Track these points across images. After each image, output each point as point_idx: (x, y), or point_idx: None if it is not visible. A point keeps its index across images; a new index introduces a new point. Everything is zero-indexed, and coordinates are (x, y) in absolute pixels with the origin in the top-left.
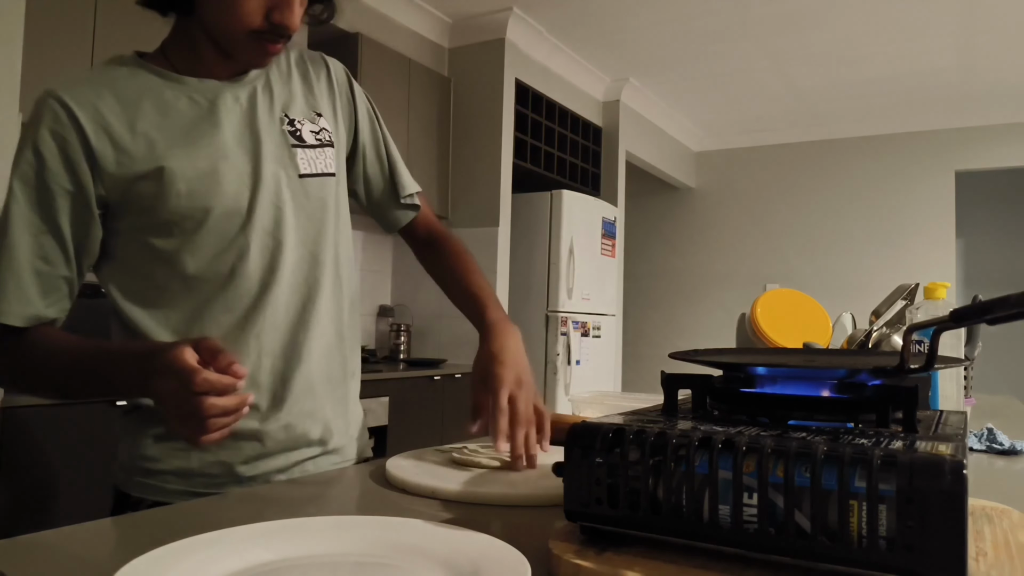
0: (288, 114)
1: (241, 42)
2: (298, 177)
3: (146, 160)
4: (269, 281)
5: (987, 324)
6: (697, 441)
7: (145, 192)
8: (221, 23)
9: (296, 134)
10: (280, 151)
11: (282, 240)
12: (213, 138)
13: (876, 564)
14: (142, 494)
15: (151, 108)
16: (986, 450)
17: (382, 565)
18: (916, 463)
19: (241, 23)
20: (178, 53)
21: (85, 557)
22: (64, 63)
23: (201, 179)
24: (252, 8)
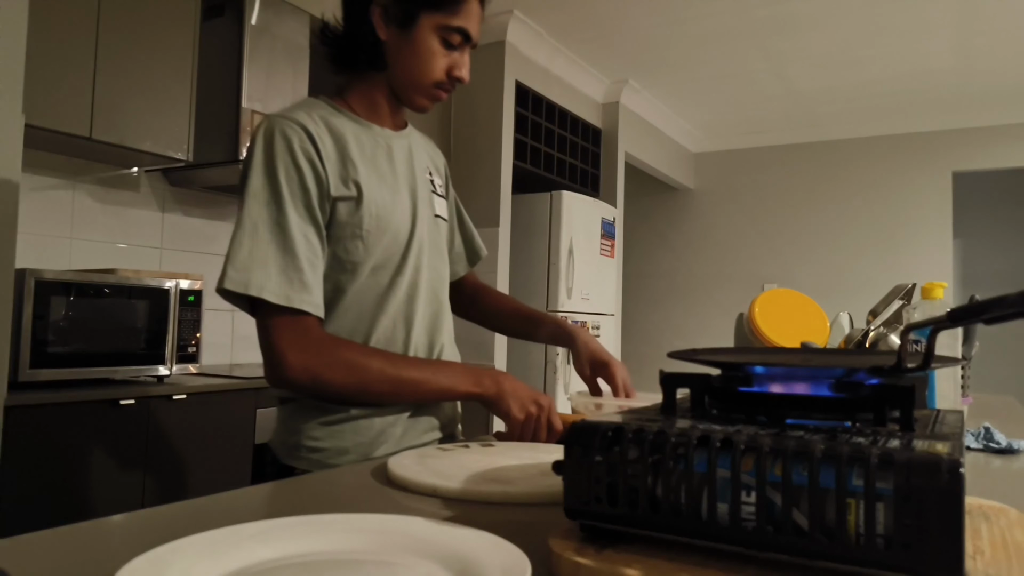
0: (428, 167)
1: (424, 91)
2: (434, 216)
3: (349, 183)
4: (414, 294)
5: (984, 324)
6: (696, 440)
7: (345, 210)
8: (414, 76)
9: (433, 183)
10: (425, 194)
11: (422, 264)
12: (391, 175)
13: (874, 562)
14: (305, 467)
15: (352, 143)
16: (983, 449)
17: (383, 563)
18: (913, 462)
19: (431, 76)
20: (359, 103)
21: (85, 557)
22: (67, 64)
23: (384, 205)
24: (441, 65)
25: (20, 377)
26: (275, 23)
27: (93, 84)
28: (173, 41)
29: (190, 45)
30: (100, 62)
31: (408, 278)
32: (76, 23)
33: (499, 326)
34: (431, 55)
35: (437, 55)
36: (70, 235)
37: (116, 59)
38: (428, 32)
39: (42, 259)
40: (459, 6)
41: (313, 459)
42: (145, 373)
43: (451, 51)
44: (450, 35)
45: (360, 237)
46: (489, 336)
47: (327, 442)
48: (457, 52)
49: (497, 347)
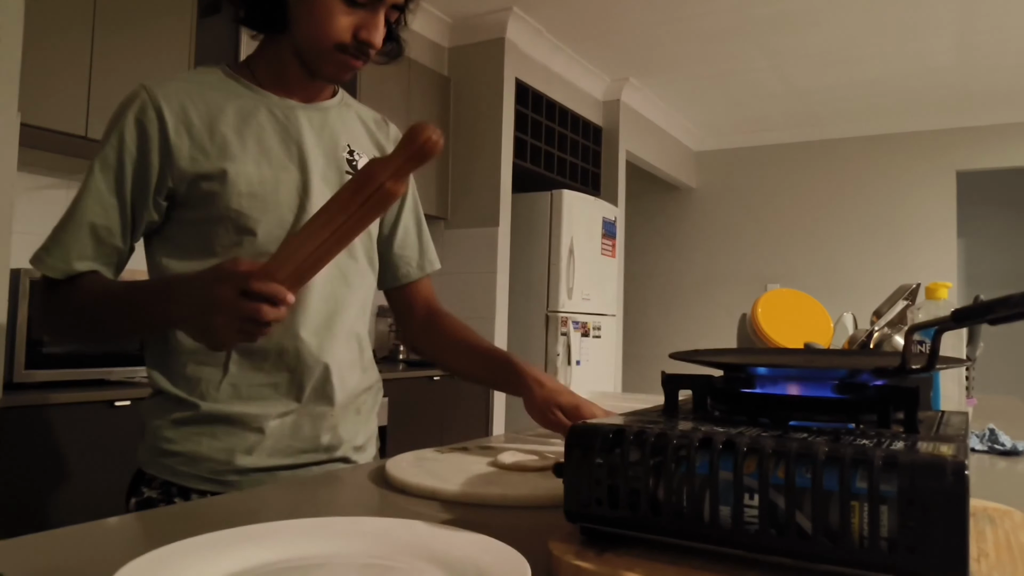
0: (351, 145)
1: (327, 55)
2: None
3: (217, 160)
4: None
5: (989, 324)
6: (698, 442)
7: (209, 189)
8: (312, 36)
9: (352, 163)
10: (334, 175)
11: None
12: (280, 151)
13: (877, 565)
14: (156, 472)
15: (233, 114)
16: (988, 451)
17: (382, 566)
18: (917, 464)
19: (330, 37)
20: (264, 70)
21: (85, 557)
22: (63, 63)
23: (263, 185)
24: (342, 24)
25: (15, 378)
26: None
27: (89, 82)
28: (169, 39)
29: (186, 43)
30: (96, 60)
31: None
32: (72, 21)
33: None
34: (328, 13)
35: (336, 13)
36: None
37: (112, 57)
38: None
39: None
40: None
41: (165, 464)
42: (140, 374)
43: (356, 8)
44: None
45: (229, 218)
46: (488, 336)
47: (180, 445)
48: (365, 10)
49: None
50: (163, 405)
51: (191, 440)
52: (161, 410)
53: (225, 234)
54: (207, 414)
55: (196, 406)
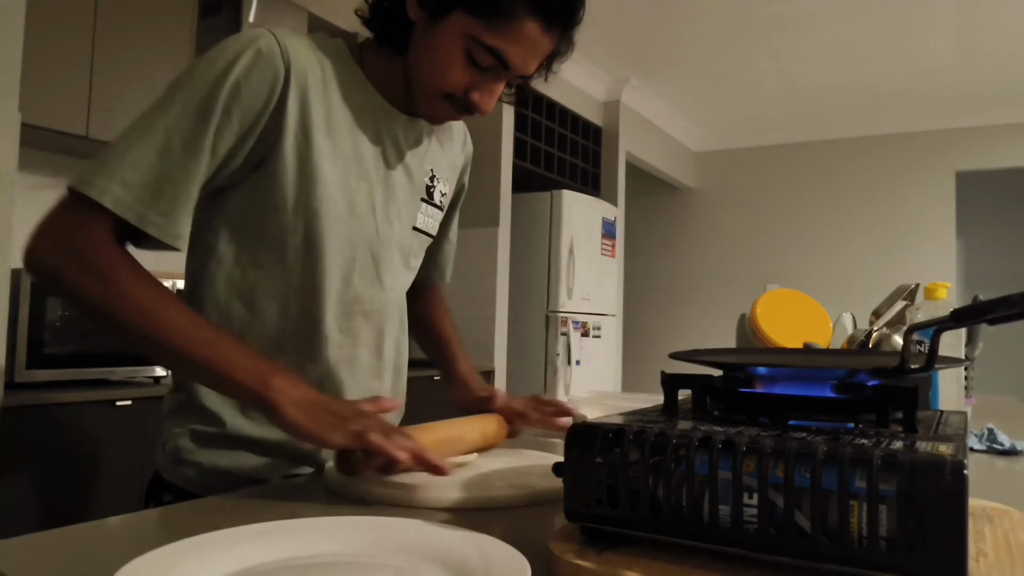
0: (434, 171)
1: (432, 99)
2: (412, 228)
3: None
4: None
5: (987, 324)
6: (697, 441)
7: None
8: (425, 76)
9: (430, 190)
10: (412, 198)
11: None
12: (371, 162)
13: (876, 564)
14: (173, 479)
15: (342, 106)
16: (987, 450)
17: (382, 566)
18: (916, 463)
19: (443, 85)
20: (375, 65)
21: (85, 557)
22: (63, 62)
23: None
24: (458, 79)
25: (17, 378)
26: (273, 20)
27: (90, 82)
28: (170, 39)
29: (187, 43)
30: (97, 60)
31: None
32: (73, 21)
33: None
34: (449, 62)
35: (456, 66)
36: None
37: (113, 57)
38: (455, 35)
39: None
40: (503, 23)
41: (181, 473)
42: (142, 374)
43: (477, 70)
44: (479, 51)
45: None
46: (488, 336)
47: (199, 456)
48: (486, 74)
49: (497, 348)
50: (185, 411)
51: (211, 454)
52: (183, 416)
53: (291, 228)
54: (232, 436)
55: (222, 423)
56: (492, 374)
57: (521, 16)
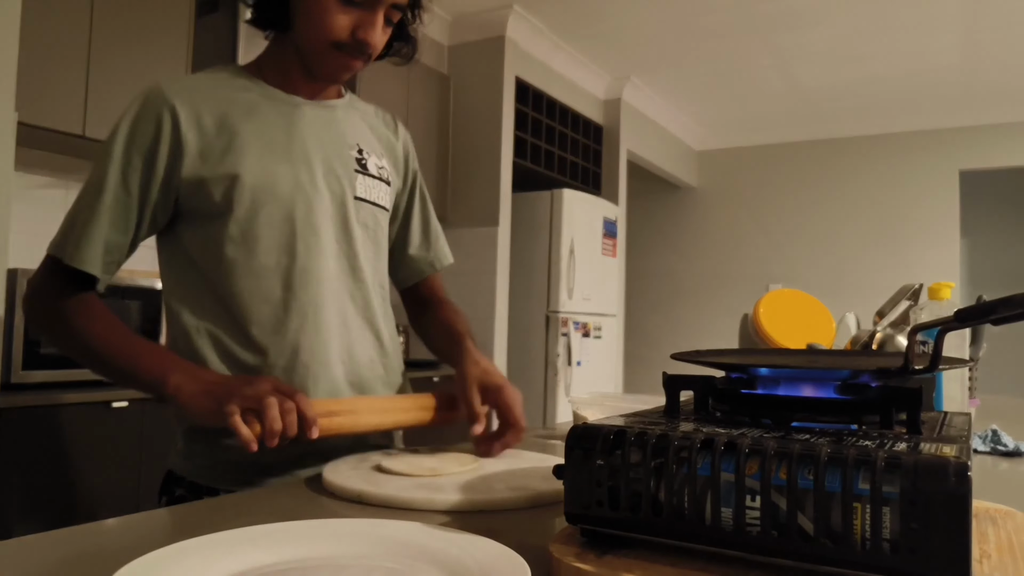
0: (360, 144)
1: (325, 54)
2: (353, 198)
3: (224, 154)
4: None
5: (992, 324)
6: (699, 443)
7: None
8: (310, 35)
9: (362, 162)
10: (342, 171)
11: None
12: (284, 145)
13: (880, 567)
14: (184, 474)
15: (240, 108)
16: (990, 452)
17: (383, 568)
18: (920, 465)
19: (328, 35)
20: (271, 69)
21: (80, 561)
22: (60, 61)
23: (266, 178)
24: (340, 23)
25: (12, 379)
26: None
27: (86, 81)
28: (167, 38)
29: (184, 41)
30: (93, 59)
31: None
32: (69, 20)
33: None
34: (325, 11)
35: (333, 11)
36: None
37: (109, 56)
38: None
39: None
40: None
41: (191, 466)
42: None
43: (353, 7)
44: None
45: (232, 211)
46: (488, 336)
47: (205, 448)
48: (363, 9)
49: (497, 348)
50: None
51: (216, 449)
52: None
53: (233, 228)
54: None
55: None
56: None
57: None
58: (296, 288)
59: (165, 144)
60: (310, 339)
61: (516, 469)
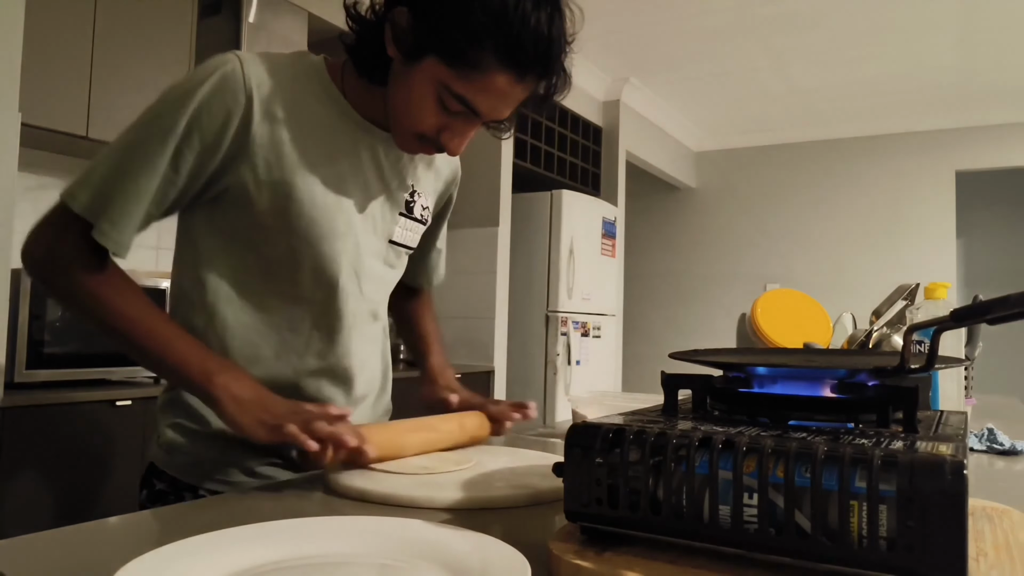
0: (415, 186)
1: (406, 135)
2: (388, 242)
3: (286, 170)
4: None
5: (987, 324)
6: (697, 441)
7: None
8: (398, 114)
9: (410, 205)
10: (389, 213)
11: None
12: (349, 177)
13: (876, 564)
14: (165, 468)
15: (316, 122)
16: (986, 450)
17: (383, 565)
18: (916, 463)
19: (414, 125)
20: (354, 84)
21: (85, 557)
22: (63, 63)
23: (326, 209)
24: (431, 122)
25: (16, 378)
26: (272, 21)
27: (89, 83)
28: (170, 39)
29: (187, 43)
30: (96, 60)
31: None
32: (72, 21)
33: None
34: (421, 105)
35: (427, 109)
36: None
37: (113, 57)
38: (427, 79)
39: None
40: (474, 74)
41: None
42: (141, 374)
43: (448, 114)
44: (449, 98)
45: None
46: (488, 336)
47: (187, 447)
48: (457, 118)
49: (497, 348)
50: (175, 407)
51: (199, 447)
52: (172, 412)
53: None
54: (217, 432)
55: (207, 422)
56: (492, 374)
57: (492, 68)
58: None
59: (230, 138)
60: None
61: (516, 467)
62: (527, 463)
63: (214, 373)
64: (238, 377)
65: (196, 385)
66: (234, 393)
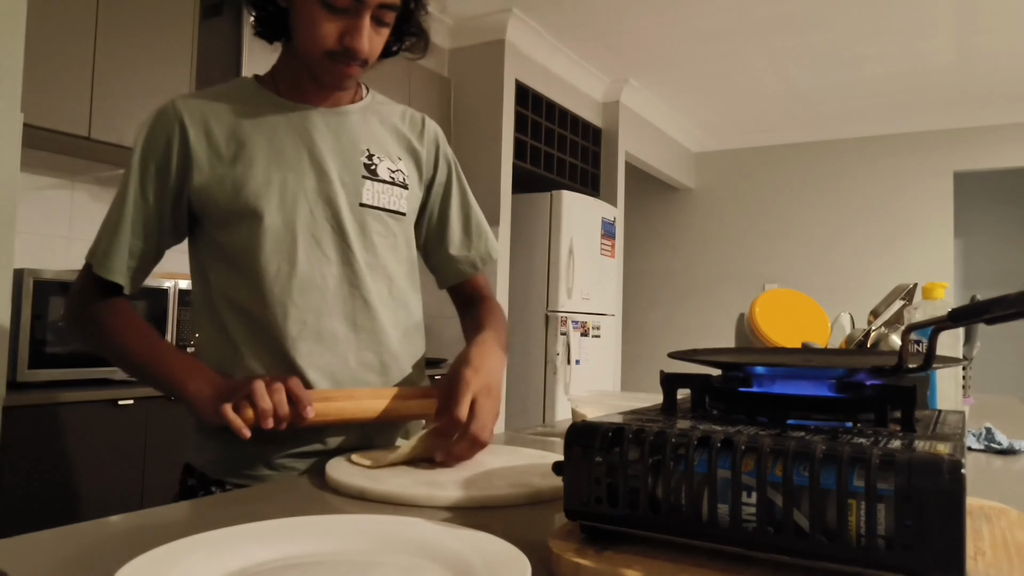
0: (370, 149)
1: (320, 63)
2: (358, 205)
3: (231, 163)
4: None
5: (985, 324)
6: (696, 440)
7: (224, 192)
8: (303, 46)
9: (371, 167)
10: (349, 177)
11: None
12: (292, 153)
13: (875, 563)
14: (196, 465)
15: (249, 120)
16: (984, 449)
17: (383, 564)
18: (914, 462)
19: (318, 45)
20: (284, 80)
21: (85, 557)
22: (65, 64)
23: (269, 187)
24: (327, 32)
25: (19, 377)
26: None
27: (92, 84)
28: (172, 40)
29: (189, 44)
30: (99, 62)
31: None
32: (75, 22)
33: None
34: (312, 22)
35: (319, 21)
36: (68, 235)
37: (115, 59)
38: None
39: (41, 259)
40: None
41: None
42: None
43: (338, 15)
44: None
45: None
46: None
47: (211, 443)
48: (348, 16)
49: None
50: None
51: (221, 443)
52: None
53: (239, 235)
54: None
55: None
56: None
57: None
58: (295, 296)
59: (175, 155)
60: (308, 347)
61: (516, 466)
62: (527, 462)
63: (187, 380)
64: (203, 378)
65: (178, 395)
66: (197, 392)
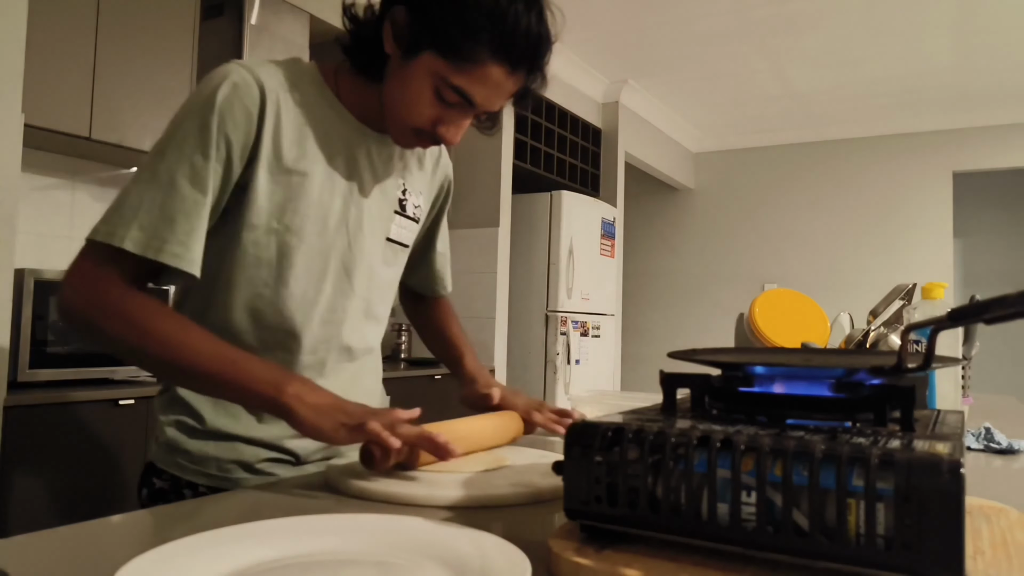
0: (406, 184)
1: (403, 130)
2: (385, 240)
3: (290, 170)
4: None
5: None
6: (696, 440)
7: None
8: (395, 108)
9: (403, 203)
10: (384, 211)
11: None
12: (345, 178)
13: (874, 562)
14: (165, 467)
15: (316, 126)
16: (984, 449)
17: (383, 563)
18: (914, 462)
19: (412, 120)
20: (348, 87)
21: (85, 557)
22: (66, 64)
23: (320, 208)
24: (427, 114)
25: (19, 377)
26: (275, 23)
27: (92, 84)
28: (172, 41)
29: (189, 45)
30: (99, 62)
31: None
32: (75, 23)
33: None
34: (418, 98)
35: (424, 101)
36: (69, 235)
37: (116, 59)
38: (425, 73)
39: (41, 259)
40: (470, 66)
41: (172, 460)
42: (144, 373)
43: (445, 105)
44: (446, 90)
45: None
46: (488, 336)
47: (186, 445)
48: (453, 109)
49: (497, 347)
50: (173, 405)
51: (198, 443)
52: (170, 410)
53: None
54: (216, 429)
55: (201, 418)
56: (492, 373)
57: (486, 60)
58: (315, 327)
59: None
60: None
61: (516, 465)
62: (527, 461)
63: (285, 384)
64: (310, 386)
65: (266, 399)
66: (309, 401)
